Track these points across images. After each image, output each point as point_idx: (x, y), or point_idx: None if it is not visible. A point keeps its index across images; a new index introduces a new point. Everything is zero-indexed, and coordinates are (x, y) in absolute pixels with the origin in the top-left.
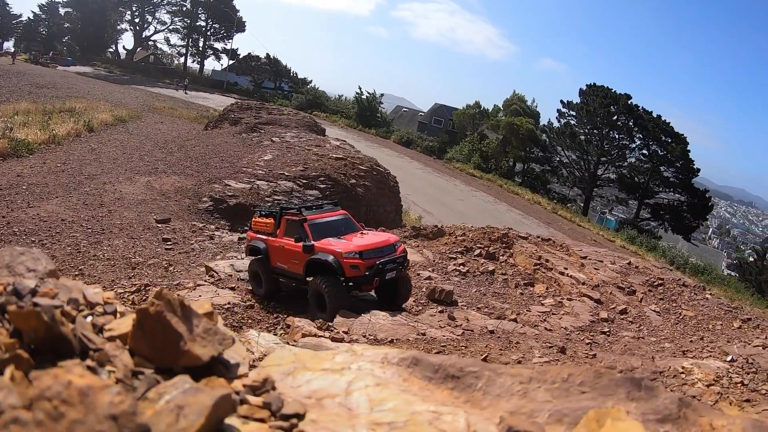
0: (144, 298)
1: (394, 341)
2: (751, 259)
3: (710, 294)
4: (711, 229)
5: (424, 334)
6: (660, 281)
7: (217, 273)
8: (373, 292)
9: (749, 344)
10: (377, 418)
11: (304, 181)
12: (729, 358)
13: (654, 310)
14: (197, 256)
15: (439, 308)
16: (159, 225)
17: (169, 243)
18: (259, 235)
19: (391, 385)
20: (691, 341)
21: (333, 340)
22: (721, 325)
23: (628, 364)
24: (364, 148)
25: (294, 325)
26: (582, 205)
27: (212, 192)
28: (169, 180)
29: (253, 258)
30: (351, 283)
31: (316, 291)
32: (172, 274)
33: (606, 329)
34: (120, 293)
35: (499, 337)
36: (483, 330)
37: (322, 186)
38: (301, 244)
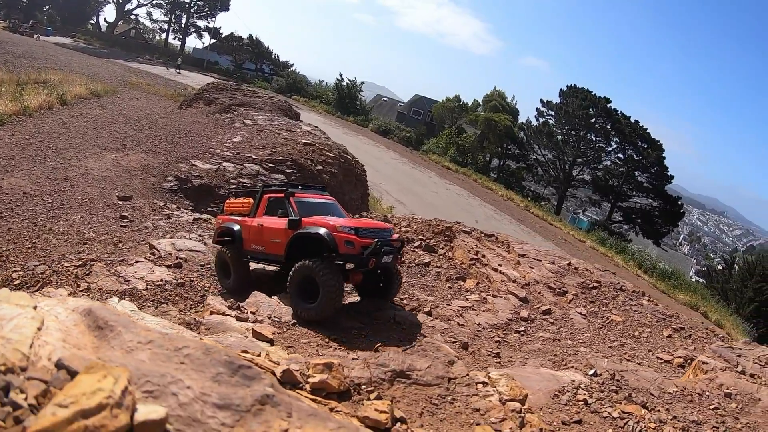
0: (87, 272)
1: (296, 324)
2: (720, 267)
3: (647, 300)
4: (682, 236)
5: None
6: (596, 284)
7: (158, 251)
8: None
9: (656, 357)
10: (8, 335)
11: (271, 164)
12: (591, 371)
13: (580, 313)
14: (149, 234)
15: (358, 297)
16: (120, 202)
17: (126, 220)
18: (232, 217)
19: (58, 323)
20: (610, 347)
21: (238, 319)
22: (649, 332)
23: (406, 364)
24: (341, 136)
25: (206, 303)
26: (555, 204)
27: (178, 171)
28: (136, 157)
29: (221, 247)
30: (344, 264)
31: (303, 277)
32: (120, 250)
33: (522, 328)
34: (66, 266)
35: (404, 329)
36: (390, 320)
37: (288, 171)
38: (284, 220)
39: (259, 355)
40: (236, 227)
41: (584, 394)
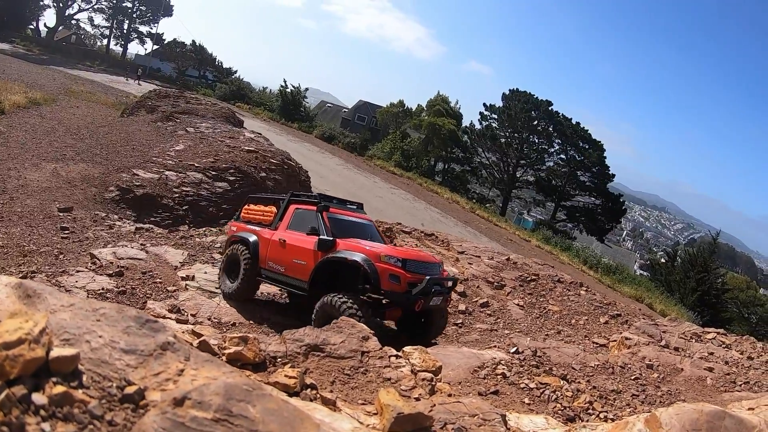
0: None
1: (236, 324)
2: (663, 260)
3: (585, 290)
4: (625, 232)
5: (269, 319)
6: (534, 277)
7: (99, 260)
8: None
9: (591, 342)
10: None
11: (214, 172)
12: (513, 349)
13: (518, 304)
14: (90, 245)
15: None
16: (60, 214)
17: (67, 232)
18: (249, 226)
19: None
20: (547, 335)
21: (178, 321)
22: (586, 319)
23: (320, 338)
24: (285, 142)
25: (147, 308)
26: (500, 205)
27: (119, 181)
28: (76, 167)
29: (236, 245)
30: (384, 301)
31: (329, 317)
32: (61, 261)
33: (460, 321)
34: None
35: None
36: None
37: (231, 178)
38: (313, 238)
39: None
40: (252, 238)
41: (504, 369)
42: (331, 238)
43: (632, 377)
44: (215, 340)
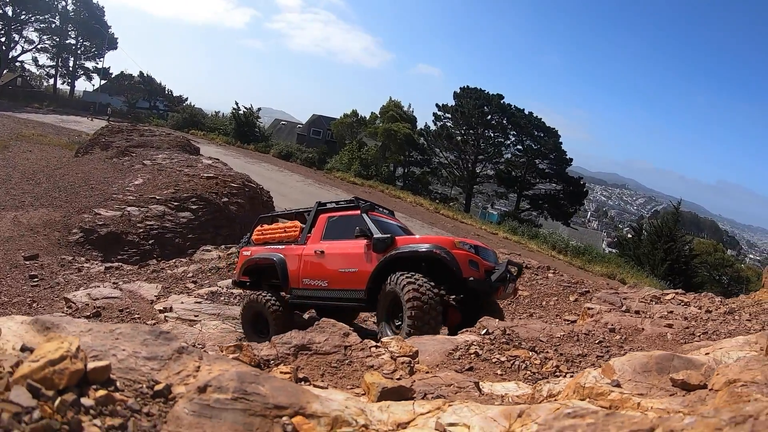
0: None
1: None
2: (629, 236)
3: (552, 273)
4: (589, 213)
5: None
6: None
7: (74, 303)
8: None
9: (563, 320)
10: None
11: (176, 203)
12: (484, 331)
13: None
14: (61, 290)
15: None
16: (27, 262)
17: (36, 279)
18: (267, 247)
19: (12, 332)
20: (520, 319)
21: None
22: (556, 300)
23: (306, 339)
24: (243, 165)
25: None
26: (464, 202)
27: (82, 222)
28: (37, 213)
29: (251, 293)
30: (465, 291)
31: (393, 297)
32: (35, 310)
33: None
34: None
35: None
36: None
37: (194, 207)
38: (361, 241)
39: None
40: (277, 257)
41: (476, 348)
42: (389, 236)
43: (596, 341)
44: (212, 351)
